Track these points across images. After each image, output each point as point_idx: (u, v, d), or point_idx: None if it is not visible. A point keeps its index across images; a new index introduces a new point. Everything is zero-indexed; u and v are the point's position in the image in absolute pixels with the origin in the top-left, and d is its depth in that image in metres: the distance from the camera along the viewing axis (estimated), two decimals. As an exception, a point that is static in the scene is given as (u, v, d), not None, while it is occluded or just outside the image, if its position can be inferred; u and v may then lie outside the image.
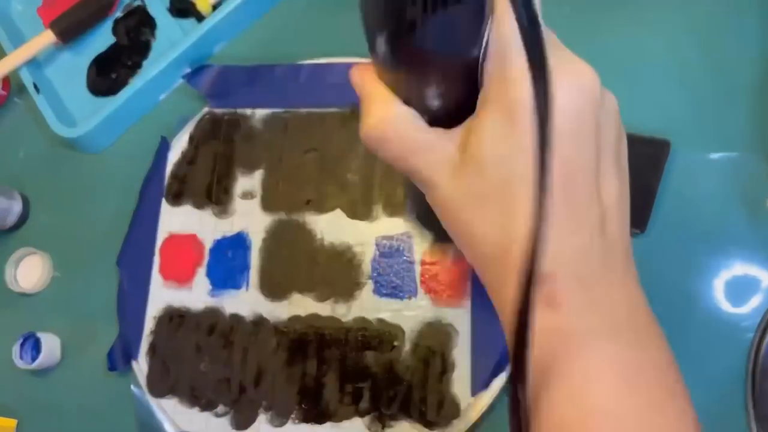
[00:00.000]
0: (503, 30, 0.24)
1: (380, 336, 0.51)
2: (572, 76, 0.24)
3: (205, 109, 0.61)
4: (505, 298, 0.25)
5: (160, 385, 0.56)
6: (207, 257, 0.58)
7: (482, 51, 0.25)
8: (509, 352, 0.24)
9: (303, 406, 0.52)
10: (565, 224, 0.25)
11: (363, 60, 0.62)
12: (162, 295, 0.58)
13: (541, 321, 0.24)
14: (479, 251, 0.27)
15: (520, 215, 0.24)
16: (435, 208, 0.28)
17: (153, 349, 0.57)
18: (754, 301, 0.47)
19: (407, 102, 0.27)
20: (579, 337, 0.25)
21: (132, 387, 0.56)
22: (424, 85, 0.26)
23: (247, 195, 0.58)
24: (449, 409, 0.48)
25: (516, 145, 0.24)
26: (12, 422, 0.60)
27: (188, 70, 0.63)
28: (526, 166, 0.23)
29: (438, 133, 0.27)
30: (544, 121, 0.22)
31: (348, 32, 0.61)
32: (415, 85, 0.26)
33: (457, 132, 0.26)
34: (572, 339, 0.25)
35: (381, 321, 0.52)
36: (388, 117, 0.27)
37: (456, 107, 0.26)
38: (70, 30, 0.67)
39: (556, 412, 0.25)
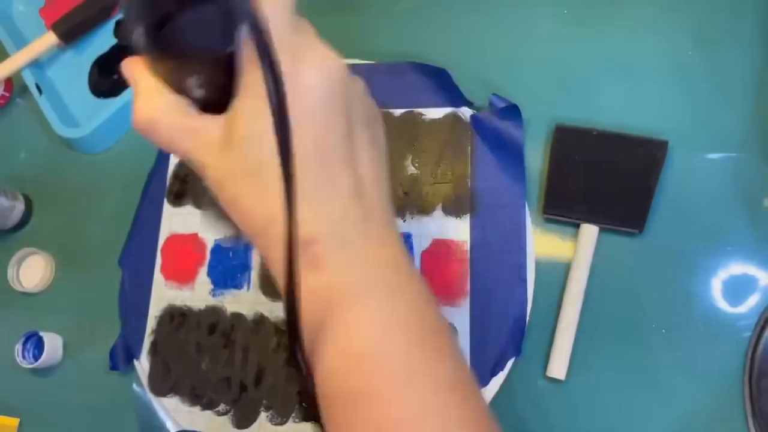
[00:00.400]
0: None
1: (380, 335, 0.52)
2: (319, 64, 0.28)
3: (207, 110, 0.62)
4: (278, 267, 0.28)
5: (161, 384, 0.56)
6: (208, 257, 0.58)
7: (238, 43, 0.27)
8: (285, 315, 0.27)
9: (303, 404, 0.52)
10: (322, 193, 0.28)
11: (364, 61, 0.62)
12: (163, 295, 0.58)
13: (308, 282, 0.28)
14: (249, 224, 0.29)
15: (276, 190, 0.27)
16: (210, 188, 0.30)
17: (154, 349, 0.57)
18: (752, 301, 0.48)
19: (178, 91, 0.29)
20: (341, 293, 0.28)
21: (133, 386, 0.56)
22: (187, 75, 0.28)
23: (248, 195, 0.58)
24: (449, 408, 0.49)
25: (264, 127, 0.27)
26: (14, 421, 0.60)
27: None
28: (273, 145, 0.26)
29: (205, 118, 0.29)
30: (280, 105, 0.25)
31: (348, 33, 0.62)
32: (179, 75, 0.29)
33: (223, 116, 0.29)
34: (335, 295, 0.28)
35: (381, 320, 0.52)
36: (155, 106, 0.29)
37: (220, 95, 0.28)
38: (72, 31, 0.67)
39: (326, 363, 0.28)
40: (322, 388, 0.29)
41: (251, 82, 0.27)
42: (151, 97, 0.30)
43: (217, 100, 0.29)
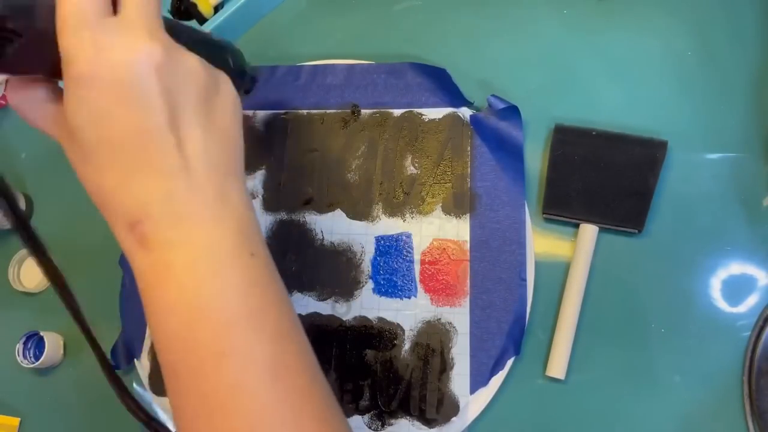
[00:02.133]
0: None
1: (380, 334, 0.52)
2: (125, 49, 0.29)
3: (207, 110, 0.62)
4: (117, 240, 0.32)
5: (162, 384, 0.56)
6: (208, 257, 0.58)
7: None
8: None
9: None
10: (146, 177, 0.30)
11: (363, 61, 0.63)
12: (164, 295, 0.58)
13: (137, 261, 0.31)
14: (91, 195, 0.32)
15: (106, 170, 0.30)
16: (74, 169, 0.33)
17: (155, 348, 0.57)
18: (751, 300, 0.48)
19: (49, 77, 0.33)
20: (162, 272, 0.30)
21: (134, 385, 0.56)
22: (21, 64, 0.31)
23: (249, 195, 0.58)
24: (448, 407, 0.49)
25: (85, 114, 0.30)
26: (15, 421, 0.60)
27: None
28: (94, 131, 0.30)
29: (58, 109, 0.32)
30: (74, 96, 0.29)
31: (348, 33, 0.62)
32: (17, 64, 0.31)
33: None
34: (158, 275, 0.31)
35: (381, 320, 0.52)
36: (21, 96, 0.34)
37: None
38: (72, 32, 0.67)
39: (154, 338, 0.32)
40: (159, 361, 0.32)
41: (65, 77, 0.29)
42: (14, 86, 0.33)
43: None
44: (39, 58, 0.30)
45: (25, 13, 0.29)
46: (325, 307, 0.54)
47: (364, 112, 0.57)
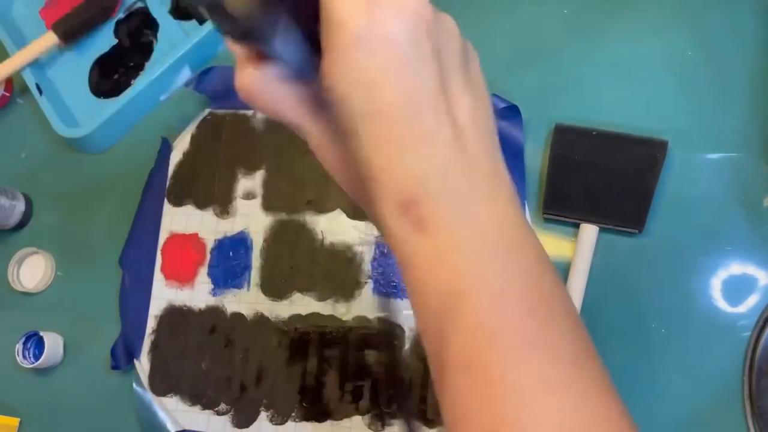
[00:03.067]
0: None
1: (380, 335, 0.52)
2: (397, 7, 0.25)
3: (207, 110, 0.62)
4: (380, 226, 0.27)
5: (161, 384, 0.56)
6: (208, 257, 0.58)
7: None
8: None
9: (303, 404, 0.52)
10: (420, 149, 0.26)
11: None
12: (164, 295, 0.58)
13: (414, 247, 0.26)
14: (351, 185, 0.29)
15: (371, 147, 0.26)
16: (316, 156, 0.30)
17: (155, 348, 0.57)
18: (751, 301, 0.48)
19: (276, 61, 0.29)
20: (450, 258, 0.26)
21: (134, 385, 0.56)
22: (269, 43, 0.27)
23: (249, 195, 0.58)
24: (448, 407, 0.49)
25: (351, 85, 0.26)
26: (15, 421, 0.60)
27: (190, 75, 0.63)
28: (364, 98, 0.25)
29: (297, 84, 0.28)
30: (352, 59, 0.25)
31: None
32: (261, 45, 0.28)
33: (315, 79, 0.28)
34: (445, 261, 0.26)
35: (381, 320, 0.52)
36: (253, 76, 0.28)
37: (308, 56, 0.28)
38: (72, 32, 0.67)
39: (437, 330, 0.27)
40: (434, 359, 0.27)
41: (334, 39, 0.26)
42: (247, 69, 0.28)
43: (306, 66, 0.28)
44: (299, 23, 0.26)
45: None
46: (325, 308, 0.54)
47: (364, 112, 0.57)
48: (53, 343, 0.59)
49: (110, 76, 0.68)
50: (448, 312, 0.26)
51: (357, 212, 0.55)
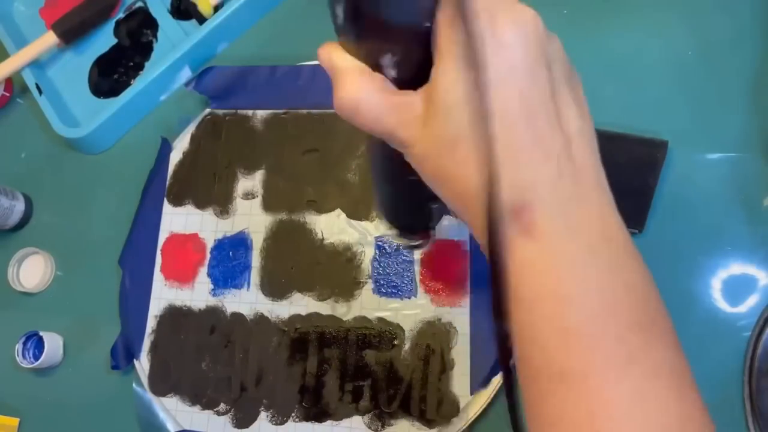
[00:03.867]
0: None
1: (380, 335, 0.52)
2: (517, 19, 0.26)
3: (207, 110, 0.62)
4: (482, 231, 0.27)
5: (161, 384, 0.56)
6: (208, 257, 0.58)
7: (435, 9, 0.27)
8: (492, 286, 0.26)
9: (303, 404, 0.52)
10: (533, 154, 0.26)
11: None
12: (163, 295, 0.58)
13: (521, 252, 0.26)
14: (457, 193, 0.28)
15: (480, 156, 0.26)
16: (415, 167, 0.29)
17: (155, 348, 0.57)
18: (751, 301, 0.48)
19: (375, 70, 0.29)
20: (558, 264, 0.26)
21: (134, 385, 0.56)
22: (388, 52, 0.28)
23: (248, 195, 0.58)
24: (448, 407, 0.49)
25: (464, 93, 0.26)
26: (14, 421, 0.60)
27: (190, 75, 0.63)
28: (466, 108, 0.26)
29: (406, 93, 0.29)
30: (476, 61, 0.25)
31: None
32: (379, 53, 0.28)
33: (423, 89, 0.28)
34: (552, 266, 0.26)
35: (381, 320, 0.52)
36: (359, 87, 0.29)
37: (417, 69, 0.28)
38: (72, 31, 0.67)
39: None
40: (528, 362, 0.27)
41: (447, 47, 0.26)
42: (354, 78, 0.29)
43: (414, 76, 0.28)
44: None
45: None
46: (325, 308, 0.54)
47: (364, 112, 0.57)
48: (53, 343, 0.59)
49: (110, 76, 0.68)
50: (549, 315, 0.26)
51: (357, 212, 0.55)
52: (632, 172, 0.50)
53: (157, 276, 0.59)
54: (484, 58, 0.25)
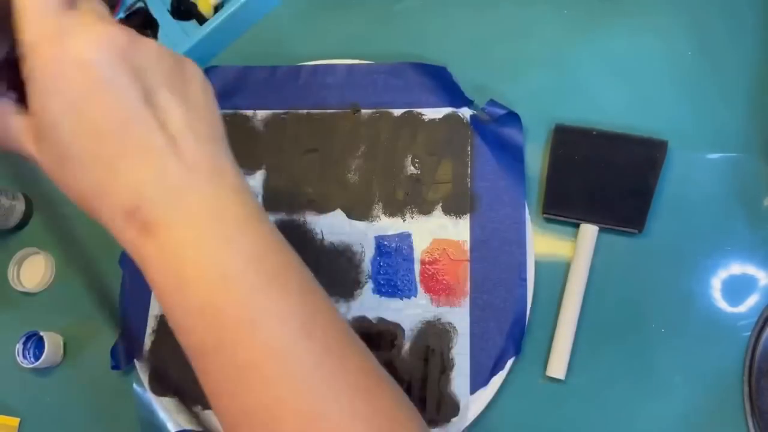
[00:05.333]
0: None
1: (380, 335, 0.52)
2: (92, 39, 0.28)
3: (207, 110, 0.62)
4: (114, 235, 0.30)
5: (162, 384, 0.56)
6: (208, 257, 0.58)
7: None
8: None
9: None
10: (134, 159, 0.29)
11: (363, 61, 0.62)
12: (164, 295, 0.58)
13: (145, 250, 0.29)
14: (80, 203, 0.31)
15: (88, 165, 0.29)
16: (52, 180, 0.32)
17: (155, 348, 0.57)
18: (751, 301, 0.48)
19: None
20: (175, 252, 0.29)
21: (134, 386, 0.56)
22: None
23: (248, 195, 0.58)
24: (448, 407, 0.49)
25: (55, 111, 0.29)
26: (15, 421, 0.60)
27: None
28: (71, 121, 0.28)
29: (19, 117, 0.31)
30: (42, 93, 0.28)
31: (348, 33, 0.62)
32: None
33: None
34: (170, 256, 0.29)
35: (381, 320, 0.52)
36: None
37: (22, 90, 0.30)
38: (72, 31, 0.67)
39: (176, 322, 0.30)
40: (188, 348, 0.31)
41: (30, 77, 0.29)
42: None
43: (21, 94, 0.30)
44: None
45: None
46: (325, 307, 0.54)
47: (364, 112, 0.57)
48: (53, 343, 0.59)
49: (110, 76, 0.68)
50: (179, 301, 0.29)
51: (357, 212, 0.55)
52: (632, 172, 0.50)
53: (157, 276, 0.59)
54: (55, 83, 0.28)
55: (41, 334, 0.59)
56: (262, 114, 0.60)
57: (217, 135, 0.33)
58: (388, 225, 0.54)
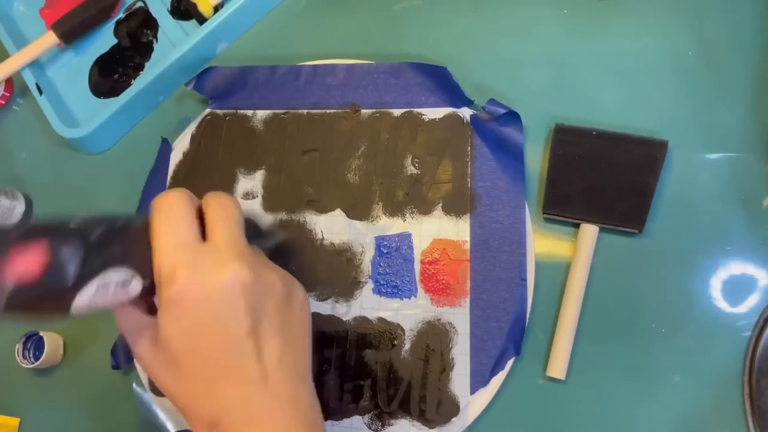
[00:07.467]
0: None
1: (380, 335, 0.52)
2: (216, 272, 0.34)
3: (207, 110, 0.62)
4: None
5: (161, 384, 0.56)
6: (208, 257, 0.58)
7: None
8: None
9: (303, 404, 0.52)
10: (226, 382, 0.34)
11: (363, 61, 0.62)
12: (164, 295, 0.58)
13: None
14: (174, 402, 0.37)
15: (190, 380, 0.35)
16: (138, 362, 0.42)
17: (155, 348, 0.57)
18: (751, 301, 0.48)
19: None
20: None
21: (134, 385, 0.56)
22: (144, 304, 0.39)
23: (249, 195, 0.58)
24: (448, 407, 0.49)
25: (175, 330, 0.35)
26: (15, 421, 0.60)
27: (190, 76, 0.63)
28: (183, 341, 0.35)
29: (147, 319, 0.38)
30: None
31: (347, 33, 0.62)
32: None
33: (155, 320, 0.36)
34: None
35: (381, 320, 0.52)
36: (122, 309, 0.39)
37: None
38: (72, 31, 0.67)
39: None
40: None
41: (160, 298, 0.34)
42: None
43: (152, 309, 0.38)
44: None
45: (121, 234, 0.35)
46: (325, 308, 0.54)
47: (364, 112, 0.57)
48: (53, 343, 0.59)
49: (110, 76, 0.68)
50: None
51: (357, 212, 0.55)
52: (632, 172, 0.50)
53: (157, 276, 0.59)
54: (179, 311, 0.34)
55: (41, 334, 0.59)
56: (262, 114, 0.60)
57: (302, 366, 0.38)
58: (388, 225, 0.54)
